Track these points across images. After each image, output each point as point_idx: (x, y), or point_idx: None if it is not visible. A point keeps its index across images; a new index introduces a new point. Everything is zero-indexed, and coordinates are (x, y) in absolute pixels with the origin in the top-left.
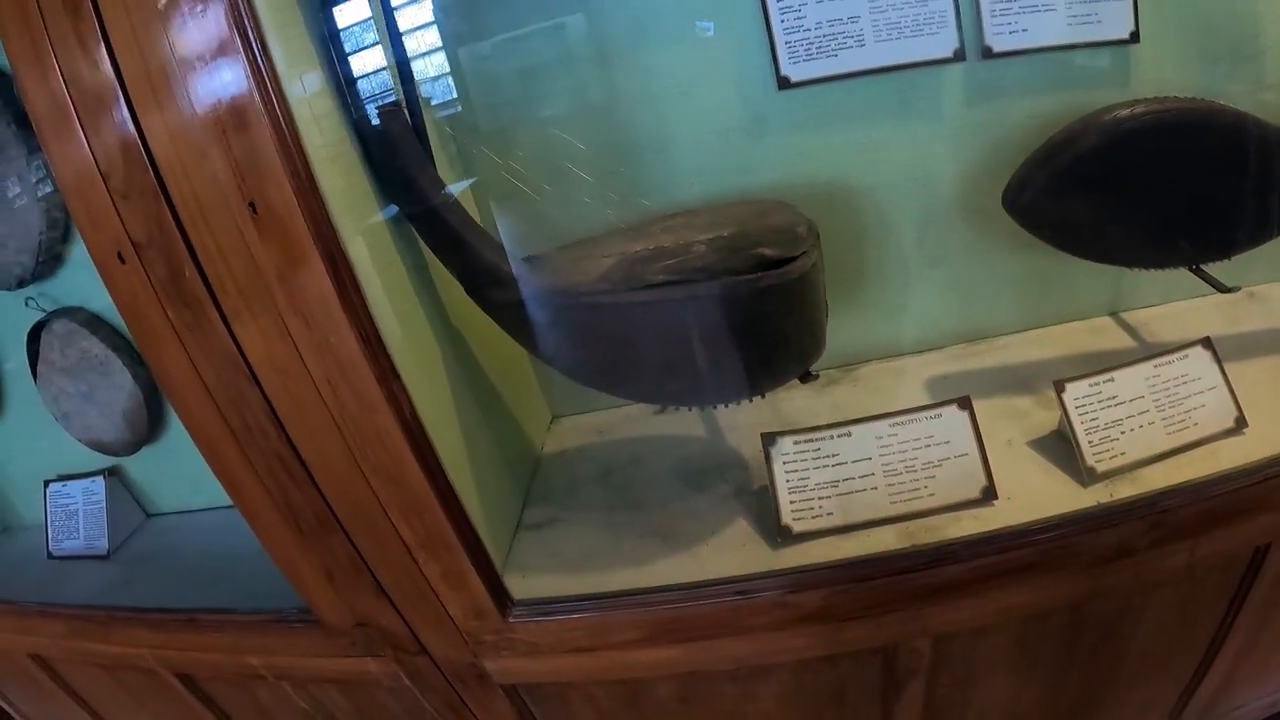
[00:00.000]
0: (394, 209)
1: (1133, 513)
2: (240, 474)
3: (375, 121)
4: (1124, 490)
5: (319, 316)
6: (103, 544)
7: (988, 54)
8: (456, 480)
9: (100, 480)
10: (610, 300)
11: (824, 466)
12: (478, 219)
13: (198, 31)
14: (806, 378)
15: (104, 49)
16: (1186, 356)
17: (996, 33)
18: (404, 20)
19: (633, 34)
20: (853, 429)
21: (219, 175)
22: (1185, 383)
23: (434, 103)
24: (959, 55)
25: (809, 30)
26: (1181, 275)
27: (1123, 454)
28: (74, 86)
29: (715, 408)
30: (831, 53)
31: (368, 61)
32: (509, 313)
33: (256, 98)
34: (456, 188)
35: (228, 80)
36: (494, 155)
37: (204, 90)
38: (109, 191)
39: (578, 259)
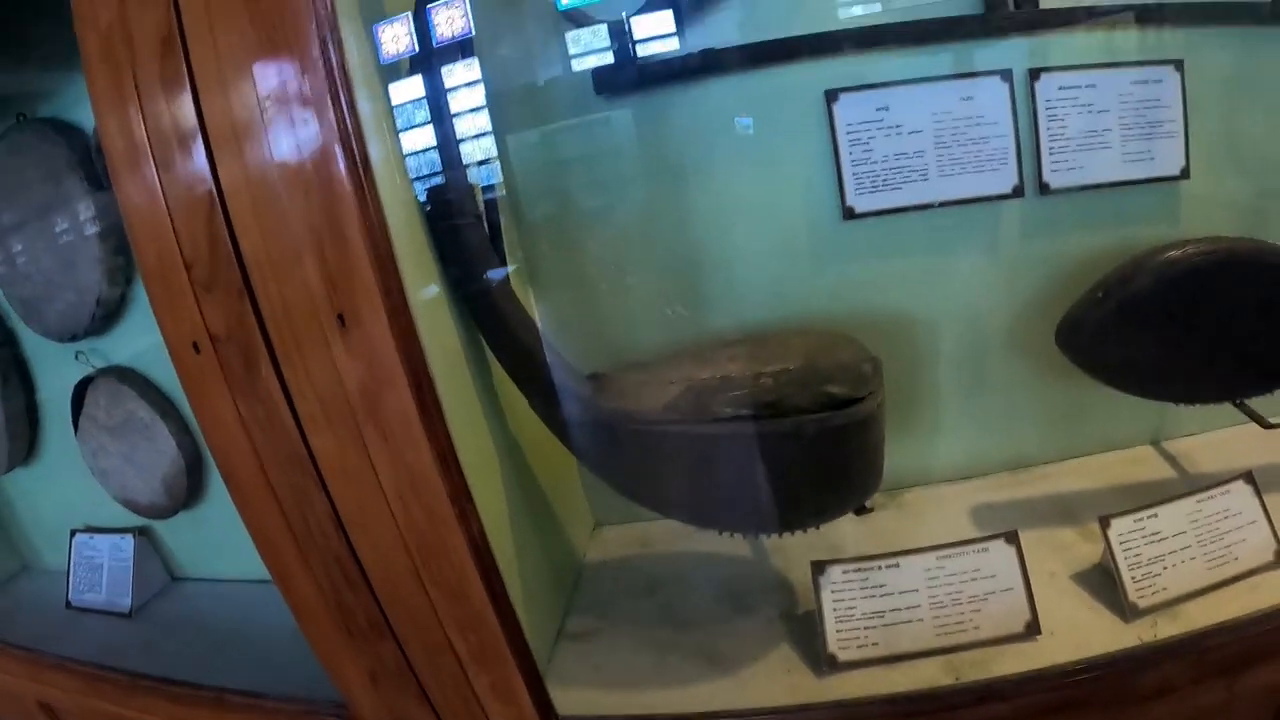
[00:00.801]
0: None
1: (1176, 652)
2: (294, 570)
3: (458, 233)
4: (1165, 625)
5: (398, 432)
6: (125, 602)
7: (1045, 190)
8: (510, 591)
9: (130, 538)
10: (678, 430)
11: (871, 596)
12: (540, 323)
13: (298, 138)
14: (861, 511)
15: (201, 145)
16: (1228, 491)
17: (1055, 170)
18: (480, 147)
19: (706, 155)
20: (901, 560)
21: (309, 282)
22: (1227, 517)
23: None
24: (1018, 191)
25: (876, 163)
26: (1222, 405)
27: (1165, 589)
28: (164, 170)
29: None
30: (896, 185)
31: (453, 175)
32: (574, 431)
33: (355, 206)
34: (524, 294)
35: (326, 187)
36: (559, 262)
37: (301, 195)
38: (191, 281)
39: (644, 382)
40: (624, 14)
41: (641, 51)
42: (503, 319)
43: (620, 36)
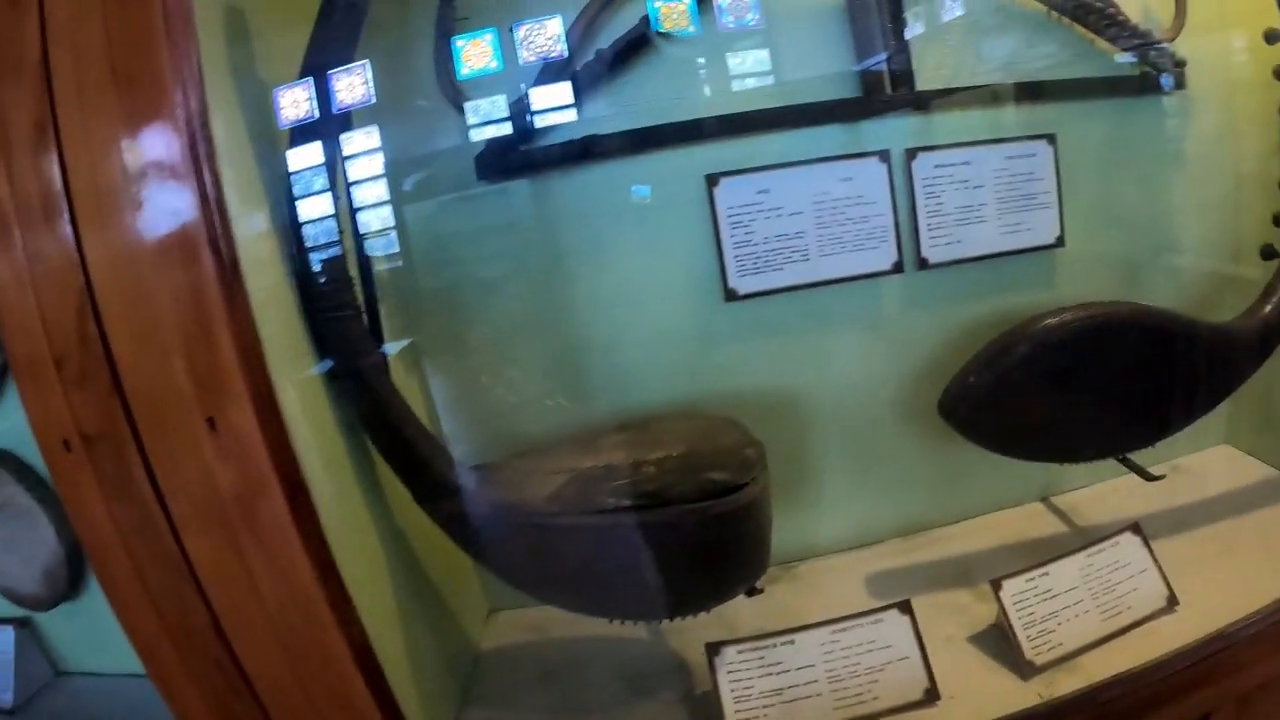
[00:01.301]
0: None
1: (1075, 707)
2: (175, 675)
3: (337, 325)
4: (1063, 680)
5: (273, 538)
6: (7, 697)
7: (924, 265)
8: (399, 688)
9: (10, 630)
10: (563, 522)
11: (769, 674)
12: (424, 414)
13: (164, 232)
14: (752, 592)
15: (72, 237)
16: (1118, 544)
17: (933, 245)
18: (364, 228)
19: (591, 239)
20: (796, 637)
21: (178, 382)
22: (1117, 569)
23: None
24: (898, 267)
25: (757, 245)
26: (1107, 460)
27: (1060, 644)
28: (35, 261)
29: None
30: (778, 266)
31: (332, 262)
32: (459, 524)
33: (222, 305)
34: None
35: (193, 284)
36: (448, 348)
37: (168, 292)
38: (61, 378)
39: (530, 472)
40: (521, 87)
41: (525, 135)
42: (382, 414)
43: (511, 116)
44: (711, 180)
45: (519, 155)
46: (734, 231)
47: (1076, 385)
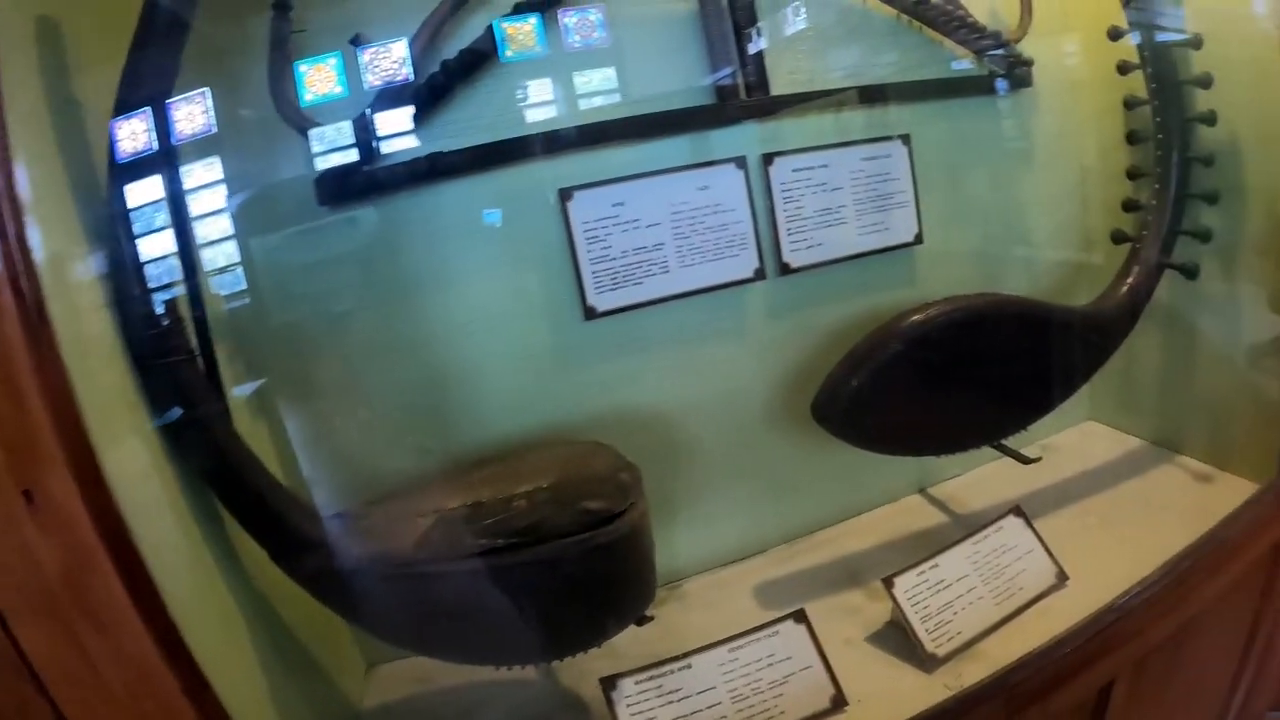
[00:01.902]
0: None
1: (984, 695)
2: None
3: (169, 373)
4: (968, 669)
5: (111, 621)
6: None
7: (786, 270)
8: None
9: None
10: (432, 569)
11: (670, 703)
12: (278, 463)
13: None
14: (642, 621)
15: None
16: (1001, 528)
17: (794, 249)
18: (196, 267)
19: (442, 263)
20: (693, 660)
21: None
22: (1005, 552)
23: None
24: (759, 274)
25: (614, 260)
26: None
27: (959, 633)
28: None
29: None
30: (637, 280)
31: (161, 306)
32: (321, 580)
33: (29, 364)
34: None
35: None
36: (299, 388)
37: None
38: None
39: (393, 518)
40: (363, 106)
41: (369, 156)
42: (226, 466)
43: (352, 142)
44: (565, 194)
45: (361, 177)
46: (590, 246)
47: (946, 378)
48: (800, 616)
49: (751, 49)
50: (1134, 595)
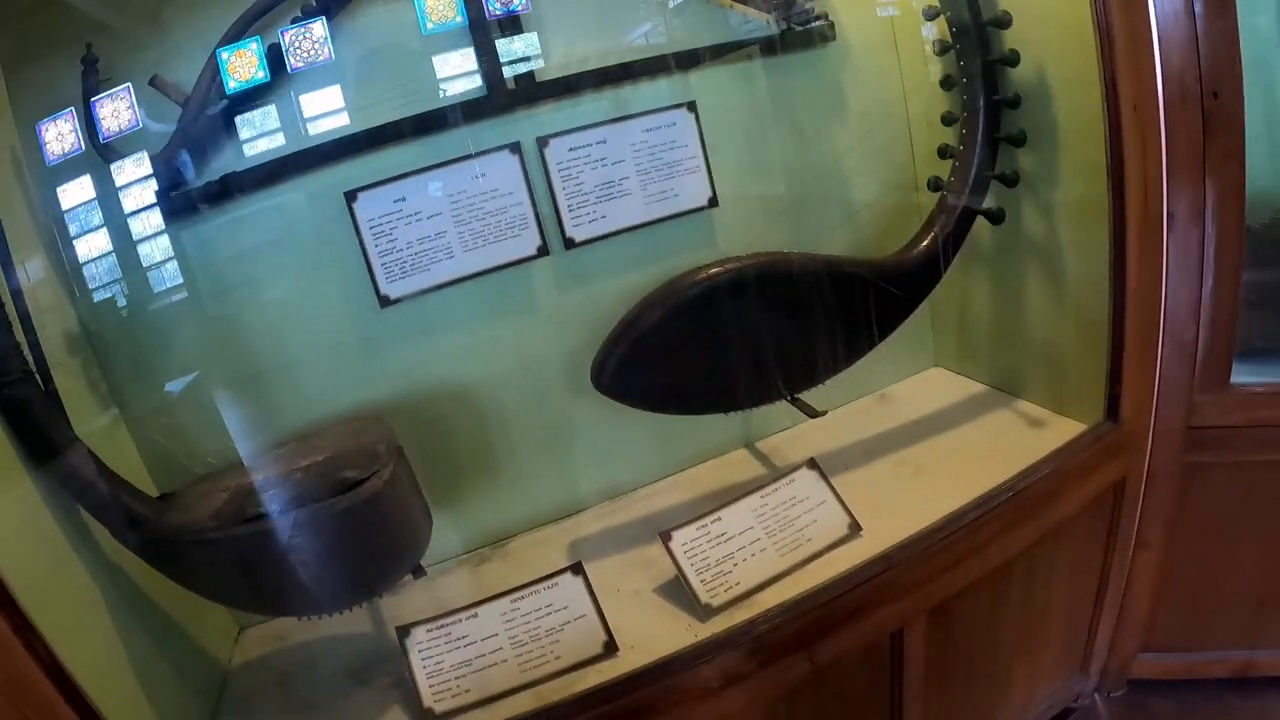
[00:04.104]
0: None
1: (728, 643)
2: None
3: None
4: (742, 617)
5: None
6: None
7: (571, 245)
8: None
9: None
10: (220, 534)
11: (456, 649)
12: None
13: None
14: (418, 572)
15: None
16: (794, 480)
17: (576, 224)
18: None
19: (251, 272)
20: (479, 610)
21: None
22: (794, 504)
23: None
24: (543, 251)
25: (401, 251)
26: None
27: (738, 584)
28: None
29: (377, 600)
30: (425, 267)
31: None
32: (150, 550)
33: None
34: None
35: None
36: (139, 393)
37: None
38: None
39: (203, 494)
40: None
41: (174, 183)
42: (67, 462)
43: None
44: (350, 196)
45: (166, 203)
46: (377, 241)
47: (719, 339)
48: (578, 569)
49: (518, 38)
50: (909, 545)
